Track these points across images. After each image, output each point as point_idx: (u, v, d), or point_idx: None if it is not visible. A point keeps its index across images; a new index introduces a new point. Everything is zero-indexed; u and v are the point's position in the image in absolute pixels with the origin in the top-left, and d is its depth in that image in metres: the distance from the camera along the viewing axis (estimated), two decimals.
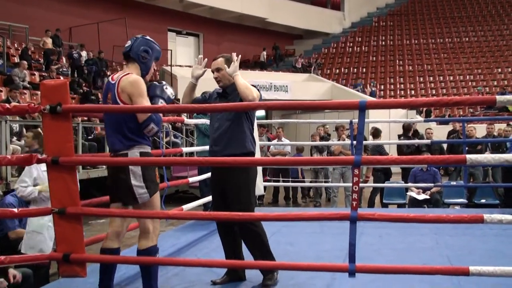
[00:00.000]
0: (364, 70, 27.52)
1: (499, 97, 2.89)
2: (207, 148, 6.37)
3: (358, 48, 29.77)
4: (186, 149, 7.15)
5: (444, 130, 14.29)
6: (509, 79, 23.73)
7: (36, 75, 14.62)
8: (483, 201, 8.42)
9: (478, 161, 2.92)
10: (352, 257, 2.92)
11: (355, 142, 3.19)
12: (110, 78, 3.48)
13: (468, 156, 2.85)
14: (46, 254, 3.65)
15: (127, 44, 3.51)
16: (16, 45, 16.57)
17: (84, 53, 17.34)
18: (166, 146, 10.56)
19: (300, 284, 3.89)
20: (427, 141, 8.65)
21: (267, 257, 3.88)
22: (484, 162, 2.89)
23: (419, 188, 8.31)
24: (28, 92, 12.79)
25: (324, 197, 11.69)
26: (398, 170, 10.31)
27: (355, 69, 27.75)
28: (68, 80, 13.05)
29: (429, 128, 10.24)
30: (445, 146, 10.95)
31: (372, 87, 24.13)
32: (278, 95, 20.94)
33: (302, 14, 29.31)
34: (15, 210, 3.77)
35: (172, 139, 12.61)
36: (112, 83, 3.41)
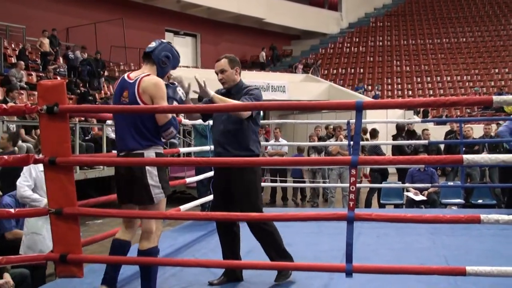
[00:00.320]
0: (362, 71, 27.56)
1: (496, 98, 2.89)
2: (205, 149, 6.43)
3: (356, 49, 29.81)
4: (184, 150, 7.15)
5: (441, 131, 14.28)
6: (506, 80, 23.80)
7: (33, 76, 14.59)
8: (480, 202, 8.43)
9: (475, 161, 2.92)
10: (349, 257, 2.92)
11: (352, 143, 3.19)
12: (126, 76, 3.46)
13: (465, 157, 2.86)
14: (43, 255, 3.65)
15: (151, 45, 3.54)
16: (13, 46, 16.54)
17: (78, 53, 17.27)
18: (164, 147, 10.53)
19: (298, 284, 3.88)
20: (425, 142, 8.66)
21: (283, 257, 3.87)
22: (481, 163, 2.90)
23: (417, 189, 8.32)
24: (25, 93, 12.77)
25: (322, 198, 11.71)
26: (395, 171, 10.32)
27: (353, 70, 27.78)
28: (65, 81, 13.08)
29: (426, 129, 10.25)
30: (443, 147, 10.96)
31: (377, 91, 23.98)
32: (276, 96, 20.92)
33: (300, 15, 29.33)
34: (12, 211, 3.77)
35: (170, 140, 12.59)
36: (130, 82, 3.39)
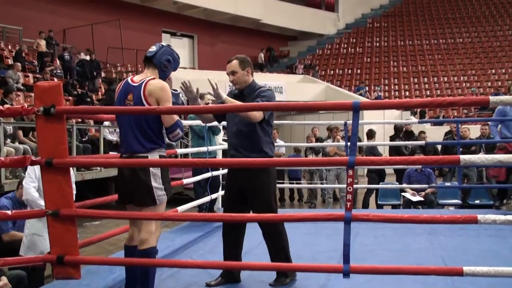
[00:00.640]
0: (359, 71, 27.59)
1: (493, 98, 2.90)
2: (202, 150, 6.42)
3: (353, 49, 29.84)
4: (181, 151, 7.14)
5: (439, 131, 14.33)
6: (503, 80, 23.83)
7: (30, 77, 14.57)
8: (478, 202, 8.44)
9: (472, 162, 2.93)
10: (347, 258, 2.92)
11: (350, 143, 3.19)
12: (130, 80, 3.51)
13: (462, 157, 2.86)
14: (40, 256, 3.64)
15: (152, 49, 3.57)
16: (10, 47, 16.51)
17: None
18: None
19: (295, 285, 3.88)
20: (422, 143, 8.67)
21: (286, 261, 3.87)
22: (478, 163, 2.90)
23: (414, 189, 8.33)
24: (22, 94, 12.75)
25: (320, 198, 11.71)
26: (391, 172, 10.32)
27: (350, 70, 27.80)
28: (62, 82, 13.07)
29: (423, 132, 10.26)
30: (440, 147, 10.97)
31: (379, 92, 23.91)
32: None
33: (296, 16, 29.35)
34: (9, 213, 3.76)
35: (167, 141, 12.58)
36: (134, 85, 3.45)
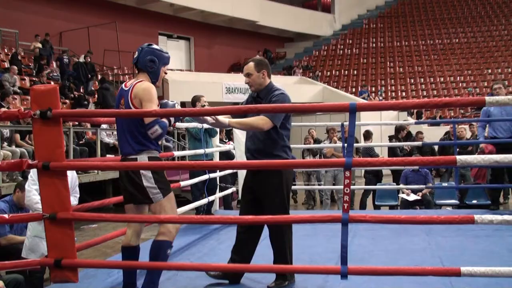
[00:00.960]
0: (355, 72, 27.62)
1: (489, 98, 2.90)
2: (199, 152, 6.41)
3: (349, 51, 29.88)
4: (178, 153, 7.13)
5: (436, 132, 14.35)
6: (499, 80, 23.87)
7: (27, 80, 14.54)
8: (475, 202, 8.44)
9: (468, 162, 2.93)
10: (344, 259, 2.92)
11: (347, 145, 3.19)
12: (123, 85, 3.61)
13: (459, 157, 2.87)
14: (38, 260, 3.63)
15: (135, 55, 3.64)
16: (6, 50, 16.49)
17: (66, 58, 17.20)
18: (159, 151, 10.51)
19: (293, 287, 3.88)
20: (418, 143, 8.68)
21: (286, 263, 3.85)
22: (475, 163, 2.91)
23: (410, 190, 8.33)
24: (19, 97, 12.73)
25: (318, 200, 11.70)
26: (389, 172, 10.33)
27: (346, 71, 27.83)
28: (59, 85, 13.05)
29: (420, 133, 10.27)
30: (437, 148, 10.98)
31: (380, 95, 23.85)
32: None
33: (293, 17, 29.38)
34: (6, 216, 3.75)
35: (164, 143, 12.58)
36: (125, 90, 3.54)
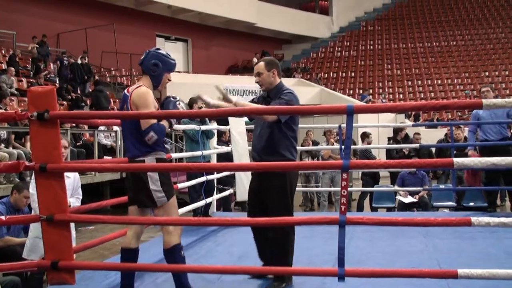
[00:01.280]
0: (353, 75, 27.64)
1: (485, 101, 2.90)
2: (196, 154, 6.41)
3: (347, 53, 29.91)
4: (175, 155, 7.14)
5: (433, 134, 14.35)
6: (496, 82, 23.93)
7: (24, 82, 14.52)
8: (472, 204, 8.45)
9: (465, 165, 2.94)
10: (341, 261, 2.92)
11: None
12: (126, 90, 3.65)
13: (456, 160, 2.87)
14: (35, 262, 3.62)
15: (141, 57, 3.68)
16: (4, 52, 16.46)
17: (66, 60, 17.15)
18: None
19: None
20: (416, 145, 8.68)
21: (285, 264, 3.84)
22: (472, 166, 2.91)
23: (407, 192, 8.33)
24: (16, 99, 12.70)
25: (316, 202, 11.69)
26: (387, 174, 10.33)
27: (344, 74, 27.86)
28: (56, 87, 13.03)
29: (417, 134, 10.27)
30: (434, 150, 10.98)
31: (383, 99, 23.76)
32: None
33: (291, 19, 29.40)
34: (3, 218, 3.74)
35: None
36: (127, 95, 3.59)
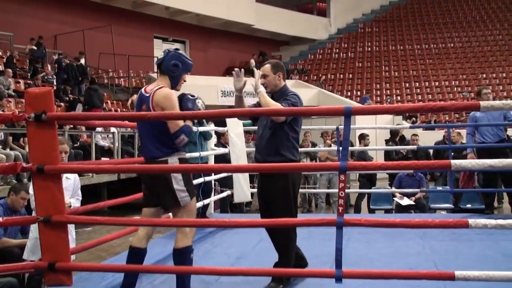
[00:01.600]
0: (351, 76, 27.66)
1: (483, 103, 2.90)
2: (194, 155, 6.41)
3: (344, 54, 29.94)
4: None
5: (430, 136, 14.36)
6: (494, 84, 23.97)
7: (21, 83, 14.49)
8: (469, 206, 8.45)
9: (463, 167, 2.94)
10: (339, 263, 2.92)
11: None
12: (143, 90, 3.63)
13: (453, 162, 2.87)
14: (32, 263, 3.61)
15: (160, 57, 3.68)
16: (1, 53, 16.43)
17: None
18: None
19: None
20: (414, 147, 8.70)
21: (287, 263, 3.89)
22: (469, 167, 2.92)
23: (405, 194, 8.34)
24: (13, 100, 12.68)
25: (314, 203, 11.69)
26: (385, 176, 10.34)
27: (341, 75, 27.88)
28: (54, 88, 13.01)
29: (415, 135, 10.29)
30: (431, 152, 10.99)
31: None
32: None
33: (288, 21, 29.42)
34: (0, 219, 3.74)
35: None
36: (146, 96, 3.56)
